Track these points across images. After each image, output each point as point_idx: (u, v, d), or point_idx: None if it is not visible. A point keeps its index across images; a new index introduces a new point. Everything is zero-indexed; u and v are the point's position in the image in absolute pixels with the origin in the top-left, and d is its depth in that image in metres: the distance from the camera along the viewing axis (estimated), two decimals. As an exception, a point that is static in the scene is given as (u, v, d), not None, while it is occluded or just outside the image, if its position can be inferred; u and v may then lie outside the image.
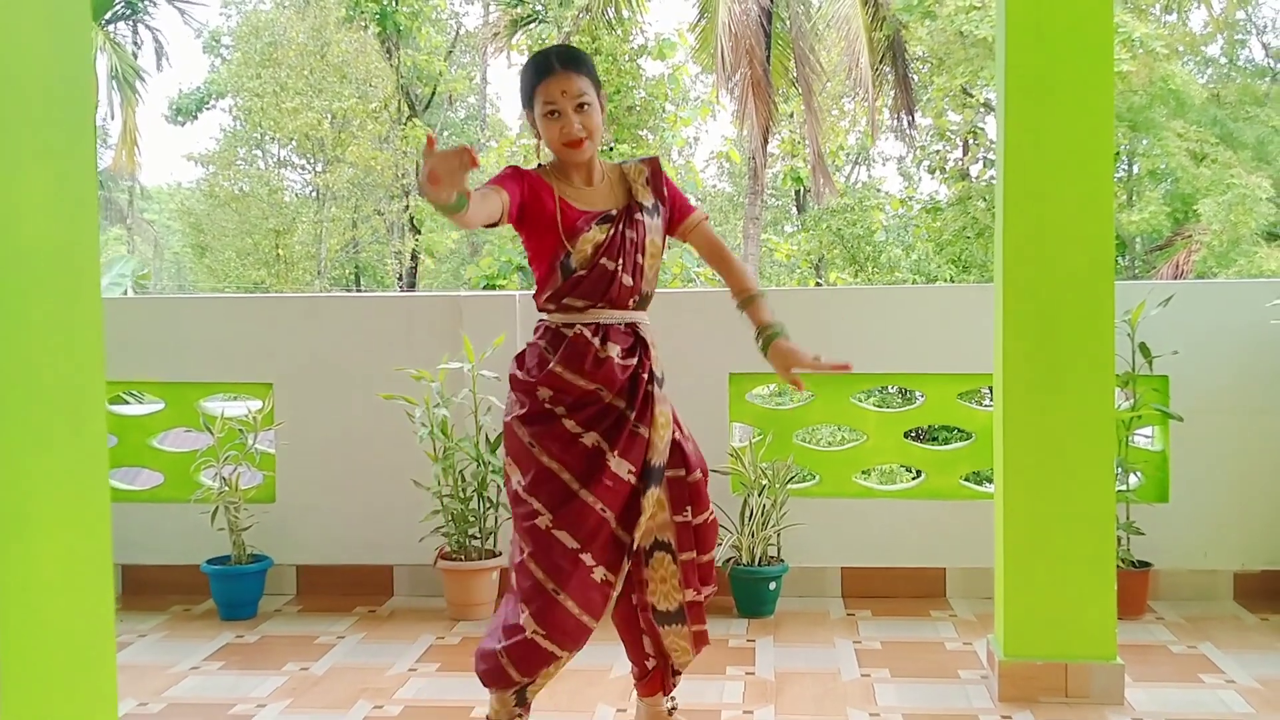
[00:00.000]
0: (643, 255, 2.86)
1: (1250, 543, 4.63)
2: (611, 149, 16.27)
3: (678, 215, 2.99)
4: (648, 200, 2.91)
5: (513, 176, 2.79)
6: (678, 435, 2.95)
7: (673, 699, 3.18)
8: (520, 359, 2.95)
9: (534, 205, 2.79)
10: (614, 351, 2.82)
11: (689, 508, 2.93)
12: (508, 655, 2.80)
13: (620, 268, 2.82)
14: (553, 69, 2.78)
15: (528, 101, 2.84)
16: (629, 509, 2.83)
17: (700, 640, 3.03)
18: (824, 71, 18.34)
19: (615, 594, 2.86)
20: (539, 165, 2.93)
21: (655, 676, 3.11)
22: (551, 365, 2.82)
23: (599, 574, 2.80)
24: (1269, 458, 4.61)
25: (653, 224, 2.89)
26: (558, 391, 2.83)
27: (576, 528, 2.78)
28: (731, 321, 4.91)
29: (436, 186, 2.30)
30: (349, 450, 4.94)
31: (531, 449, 2.83)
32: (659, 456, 2.85)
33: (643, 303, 2.93)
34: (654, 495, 2.85)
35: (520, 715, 2.92)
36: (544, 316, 2.93)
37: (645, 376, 2.85)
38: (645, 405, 2.84)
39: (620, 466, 2.80)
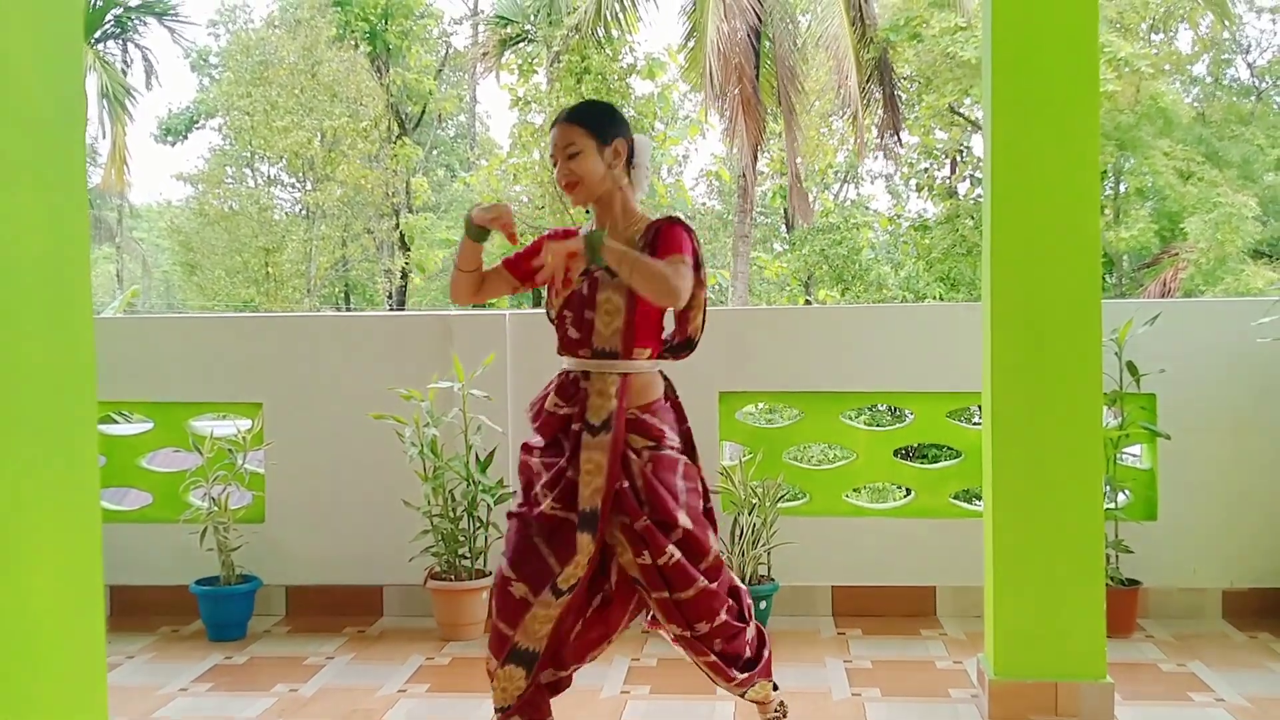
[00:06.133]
0: (592, 311, 2.98)
1: (1239, 560, 4.64)
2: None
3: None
4: None
5: (527, 251, 3.11)
6: (623, 485, 2.96)
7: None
8: None
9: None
10: (551, 403, 3.05)
11: (646, 551, 2.95)
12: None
13: (570, 320, 3.02)
14: (555, 122, 3.05)
15: None
16: (564, 543, 2.95)
17: (717, 670, 3.06)
18: (807, 92, 18.41)
19: (535, 610, 2.95)
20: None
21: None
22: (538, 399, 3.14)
23: (517, 590, 2.95)
24: (1257, 475, 4.63)
25: (611, 282, 2.95)
26: (533, 427, 3.14)
27: (511, 545, 3.02)
28: (721, 340, 4.94)
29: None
30: (338, 470, 4.93)
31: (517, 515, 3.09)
32: (586, 503, 2.92)
33: (597, 355, 2.99)
34: (585, 541, 2.91)
35: None
36: None
37: (575, 427, 2.98)
38: (575, 451, 2.97)
39: (545, 499, 2.99)
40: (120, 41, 25.02)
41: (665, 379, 3.14)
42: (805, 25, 18.56)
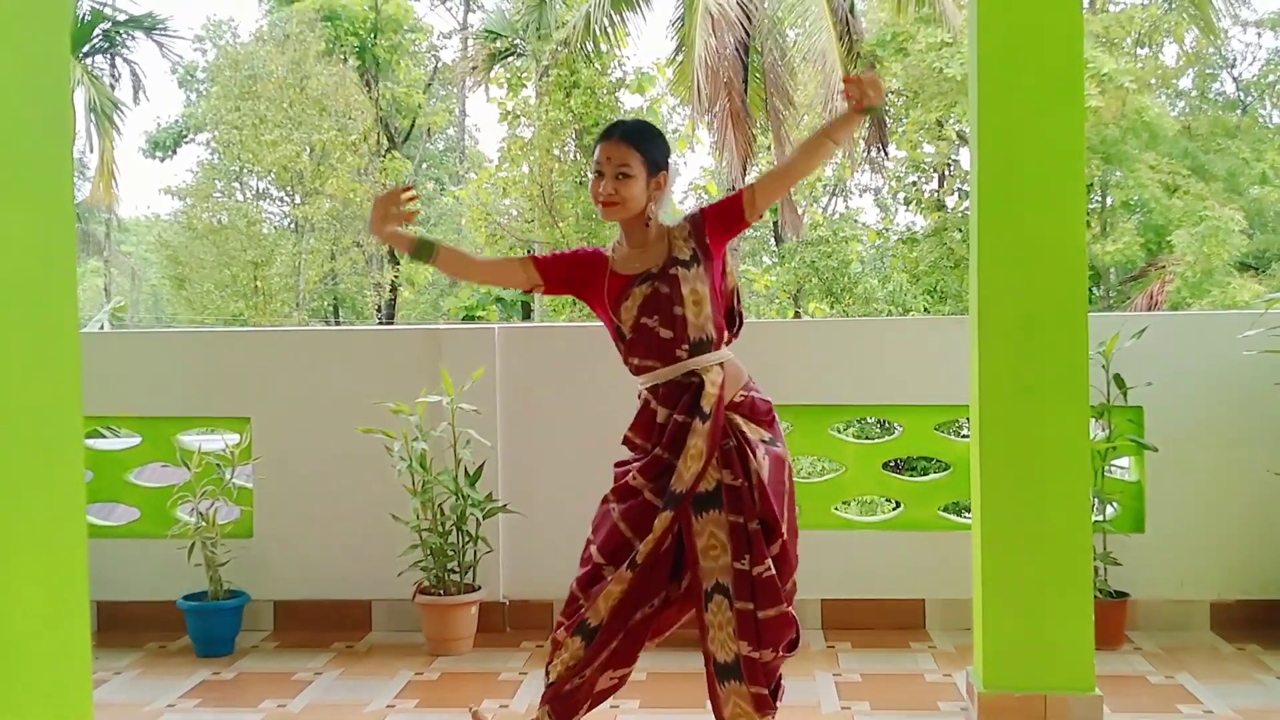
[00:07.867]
0: (681, 306, 2.98)
1: (1226, 572, 4.65)
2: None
3: (734, 209, 3.06)
4: (684, 253, 3.02)
5: (565, 258, 3.15)
6: (738, 482, 2.95)
7: None
8: None
9: (584, 285, 3.12)
10: (662, 415, 3.01)
11: (747, 556, 2.92)
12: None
13: (657, 323, 2.99)
14: (608, 135, 3.06)
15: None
16: (647, 526, 2.94)
17: (761, 705, 2.95)
18: (796, 106, 18.46)
19: (609, 585, 2.94)
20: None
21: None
22: (626, 432, 3.11)
23: (598, 558, 2.99)
24: (1244, 487, 4.65)
25: (690, 274, 2.99)
26: (632, 452, 3.12)
27: (600, 529, 3.05)
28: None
29: (375, 229, 2.97)
30: (327, 484, 4.92)
31: (609, 499, 3.09)
32: (681, 484, 2.91)
33: (697, 348, 3.00)
34: (665, 518, 2.90)
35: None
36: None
37: (680, 418, 2.98)
38: (675, 438, 2.97)
39: (644, 488, 3.00)
40: (108, 56, 24.94)
41: None
42: (793, 40, 18.63)
